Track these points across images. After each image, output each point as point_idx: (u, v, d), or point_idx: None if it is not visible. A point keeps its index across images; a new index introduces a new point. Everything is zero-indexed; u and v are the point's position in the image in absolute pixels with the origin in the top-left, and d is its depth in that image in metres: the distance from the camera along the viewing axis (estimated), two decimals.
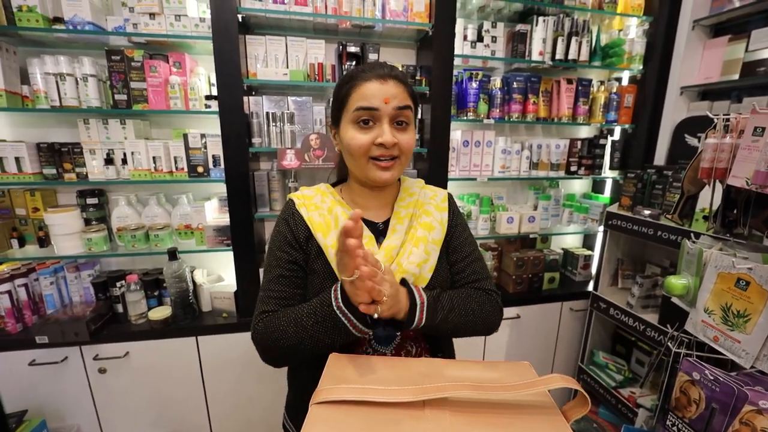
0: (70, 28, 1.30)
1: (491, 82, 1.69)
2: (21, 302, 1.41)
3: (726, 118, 0.95)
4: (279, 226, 0.76)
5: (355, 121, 0.68)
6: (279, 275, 0.72)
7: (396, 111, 0.67)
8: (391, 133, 0.67)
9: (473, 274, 0.79)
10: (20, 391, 1.39)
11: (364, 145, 0.67)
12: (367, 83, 0.67)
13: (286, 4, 1.42)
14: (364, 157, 0.69)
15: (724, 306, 0.91)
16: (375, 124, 0.68)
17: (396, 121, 0.68)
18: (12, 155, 1.36)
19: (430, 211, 0.78)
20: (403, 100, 0.68)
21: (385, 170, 0.69)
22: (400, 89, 0.68)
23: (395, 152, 0.69)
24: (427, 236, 0.75)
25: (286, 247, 0.73)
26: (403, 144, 0.69)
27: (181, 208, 1.54)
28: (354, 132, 0.68)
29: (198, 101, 1.45)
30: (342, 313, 0.61)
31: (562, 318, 1.88)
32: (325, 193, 0.78)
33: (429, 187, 0.85)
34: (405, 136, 0.69)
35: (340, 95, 0.71)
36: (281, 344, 0.66)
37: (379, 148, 0.68)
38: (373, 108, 0.66)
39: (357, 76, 0.69)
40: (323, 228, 0.72)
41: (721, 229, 1.02)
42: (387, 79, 0.67)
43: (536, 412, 0.50)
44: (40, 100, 1.36)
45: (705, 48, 1.67)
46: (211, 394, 1.56)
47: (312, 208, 0.74)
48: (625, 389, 1.58)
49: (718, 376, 0.86)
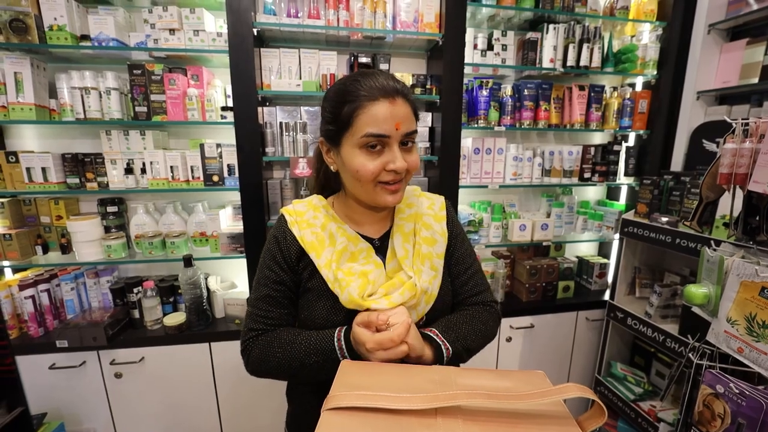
0: (96, 44, 1.37)
1: (502, 89, 1.69)
2: (43, 307, 1.45)
3: (745, 122, 0.93)
4: (270, 244, 0.74)
5: (363, 146, 0.64)
6: (266, 295, 0.71)
7: (404, 137, 0.65)
8: (402, 159, 0.65)
9: (476, 287, 0.79)
10: (40, 394, 1.43)
11: (376, 171, 0.64)
12: (376, 105, 0.62)
13: (300, 18, 1.46)
14: (372, 182, 0.66)
15: (749, 316, 0.88)
16: (384, 149, 0.65)
17: (403, 142, 0.66)
18: (39, 165, 1.43)
19: (430, 223, 0.76)
20: (411, 123, 0.66)
21: (394, 194, 0.68)
22: (408, 109, 0.66)
23: (403, 174, 0.68)
24: (432, 251, 0.73)
25: (274, 267, 0.71)
26: (411, 165, 0.67)
27: (196, 216, 1.57)
28: (362, 158, 0.64)
29: (214, 112, 1.49)
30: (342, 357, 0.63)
31: (578, 328, 1.83)
32: (317, 207, 0.75)
33: (425, 195, 0.82)
34: (412, 157, 0.67)
35: (342, 114, 0.64)
36: (275, 373, 0.69)
37: (389, 174, 0.65)
38: (384, 135, 0.63)
39: (361, 95, 0.63)
40: (316, 247, 0.70)
41: (743, 236, 0.99)
42: (395, 99, 0.63)
43: (551, 423, 0.49)
44: (66, 113, 1.42)
45: (722, 52, 1.64)
46: (223, 400, 1.57)
47: (304, 226, 0.72)
48: (645, 402, 1.52)
49: (744, 389, 0.83)
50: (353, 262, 0.70)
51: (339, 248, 0.69)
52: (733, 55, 1.59)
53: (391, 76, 0.67)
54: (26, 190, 1.44)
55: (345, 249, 0.70)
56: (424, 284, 0.69)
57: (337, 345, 0.64)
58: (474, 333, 0.72)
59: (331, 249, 0.70)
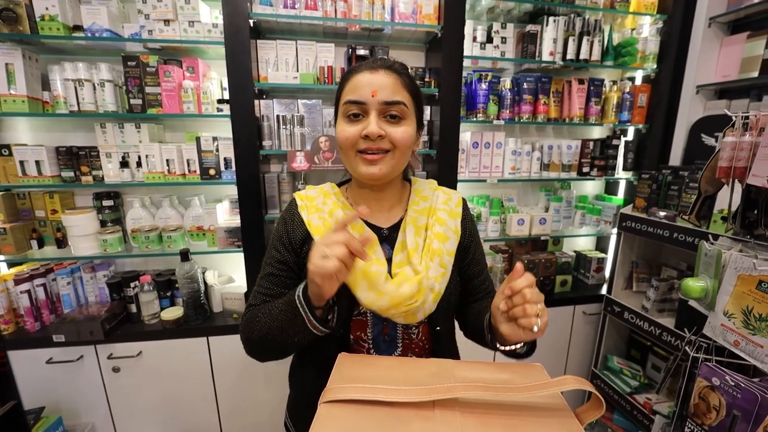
0: (89, 35, 1.35)
1: (501, 83, 1.68)
2: (39, 301, 1.45)
3: (745, 116, 0.93)
4: (278, 225, 0.75)
5: (345, 114, 0.66)
6: (269, 273, 0.72)
7: (384, 106, 0.64)
8: (377, 125, 0.63)
9: (489, 285, 0.82)
10: (38, 388, 1.43)
11: (351, 137, 0.65)
12: (358, 75, 0.65)
13: (297, 9, 1.43)
14: (351, 150, 0.66)
15: (745, 309, 0.88)
16: (364, 117, 0.65)
17: (388, 114, 0.65)
18: (32, 159, 1.41)
19: (443, 219, 0.74)
20: (393, 93, 0.64)
21: (372, 164, 0.65)
22: (392, 80, 0.64)
23: (385, 145, 0.65)
24: (442, 248, 0.71)
25: (279, 247, 0.72)
26: (394, 136, 0.64)
27: (193, 210, 1.56)
28: (343, 125, 0.66)
29: (210, 105, 1.47)
30: (301, 307, 0.60)
31: (575, 322, 1.84)
32: (328, 194, 0.75)
33: (442, 189, 0.80)
34: (397, 129, 0.65)
35: (337, 92, 0.70)
36: (255, 335, 0.67)
37: (365, 141, 0.64)
38: (360, 101, 0.64)
39: (351, 70, 0.67)
40: (321, 232, 0.70)
41: (741, 231, 0.99)
42: (377, 70, 0.64)
43: (549, 414, 0.49)
44: (59, 105, 1.40)
45: (722, 45, 1.63)
46: (222, 393, 1.58)
47: (313, 211, 0.72)
48: (641, 395, 1.53)
49: (740, 381, 0.83)
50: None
51: None
52: (734, 49, 1.58)
53: (392, 60, 0.68)
54: (20, 184, 1.42)
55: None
56: (430, 281, 0.67)
57: (299, 287, 0.62)
58: None
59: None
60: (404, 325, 0.70)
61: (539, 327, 0.55)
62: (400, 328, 0.70)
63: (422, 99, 0.72)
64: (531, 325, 0.54)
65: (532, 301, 0.54)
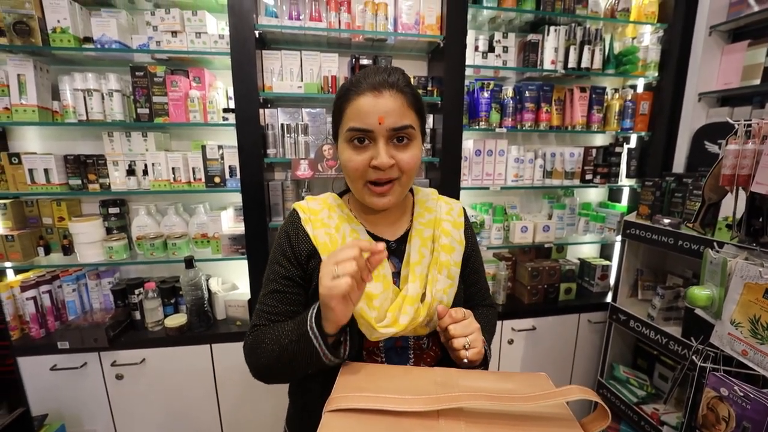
0: (99, 46, 1.38)
1: (503, 91, 1.69)
2: (45, 308, 1.46)
3: (748, 123, 0.93)
4: (280, 239, 0.71)
5: (349, 140, 0.62)
6: (274, 290, 0.68)
7: (392, 132, 0.61)
8: (387, 154, 0.60)
9: (485, 292, 0.84)
10: (42, 395, 1.43)
11: (360, 167, 0.62)
12: (360, 98, 0.60)
13: (301, 20, 1.46)
14: (360, 180, 0.63)
15: (753, 318, 0.87)
16: (370, 144, 0.62)
17: (395, 138, 0.62)
18: (41, 167, 1.43)
19: (449, 230, 0.73)
20: (401, 118, 0.61)
21: (382, 196, 0.63)
22: (398, 102, 0.61)
23: (393, 174, 0.62)
24: (450, 260, 0.70)
25: (284, 262, 0.68)
26: (403, 164, 0.62)
27: (198, 217, 1.58)
28: (349, 153, 0.63)
29: (216, 114, 1.49)
30: (314, 336, 0.57)
31: (580, 330, 1.82)
32: (332, 207, 0.72)
33: (443, 199, 0.79)
34: (405, 155, 0.62)
35: (336, 108, 0.66)
36: (261, 362, 0.64)
37: (375, 171, 0.62)
38: (367, 129, 0.60)
39: (351, 88, 0.62)
40: (329, 249, 0.66)
41: (746, 238, 0.99)
42: (381, 91, 0.60)
43: (554, 425, 0.48)
44: (68, 114, 1.43)
45: (723, 53, 1.64)
46: (224, 401, 1.57)
47: (318, 225, 0.69)
48: (648, 405, 1.51)
49: (749, 392, 0.82)
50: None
51: None
52: (735, 57, 1.59)
53: (387, 69, 0.63)
54: (29, 192, 1.44)
55: None
56: (438, 294, 0.67)
57: (309, 315, 0.59)
58: (491, 335, 0.79)
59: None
60: (415, 337, 0.70)
61: (468, 358, 0.60)
62: (412, 339, 0.70)
63: (425, 109, 0.69)
64: (461, 358, 0.61)
65: (457, 336, 0.61)
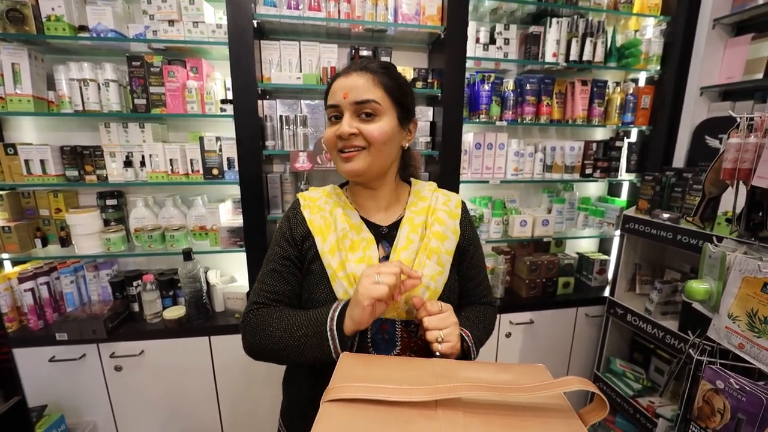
0: (94, 35, 1.35)
1: (504, 84, 1.68)
2: (43, 300, 1.45)
3: (750, 117, 0.92)
4: (281, 222, 0.78)
5: (329, 118, 0.72)
6: (272, 269, 0.74)
7: (356, 105, 0.67)
8: (348, 124, 0.67)
9: (485, 289, 0.84)
10: (40, 386, 1.43)
11: (329, 138, 0.70)
12: (336, 81, 0.69)
13: (300, 10, 1.44)
14: (334, 150, 0.70)
15: (750, 312, 0.87)
16: (341, 118, 0.69)
17: (362, 113, 0.67)
18: (37, 158, 1.42)
19: (443, 219, 0.75)
20: (364, 93, 0.67)
21: (348, 161, 0.69)
22: (363, 80, 0.67)
23: (359, 143, 0.68)
24: (441, 247, 0.72)
25: (283, 243, 0.75)
26: (367, 133, 0.67)
27: (196, 209, 1.57)
28: (327, 128, 0.72)
29: (214, 105, 1.48)
30: (331, 335, 0.62)
31: (577, 324, 1.83)
32: (330, 194, 0.78)
33: (442, 191, 0.82)
34: (370, 126, 0.67)
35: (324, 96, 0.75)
36: (266, 345, 0.67)
37: (341, 140, 0.68)
38: (335, 105, 0.68)
39: (333, 77, 0.71)
40: (322, 231, 0.72)
41: (746, 233, 0.99)
42: (350, 73, 0.68)
43: (552, 415, 0.48)
44: (64, 104, 1.41)
45: (726, 47, 1.63)
46: (223, 393, 1.58)
47: (315, 210, 0.75)
48: (644, 398, 1.52)
49: (745, 385, 0.83)
50: (353, 252, 0.70)
51: (340, 234, 0.71)
52: (738, 50, 1.57)
53: (369, 59, 0.74)
54: (25, 183, 1.43)
55: (345, 236, 0.71)
56: (425, 279, 0.69)
57: (330, 316, 0.63)
58: (484, 332, 0.78)
59: (334, 234, 0.72)
60: (403, 322, 0.71)
61: (441, 351, 0.62)
62: (399, 326, 0.71)
63: (407, 94, 0.72)
64: (434, 351, 0.62)
65: (431, 328, 0.62)
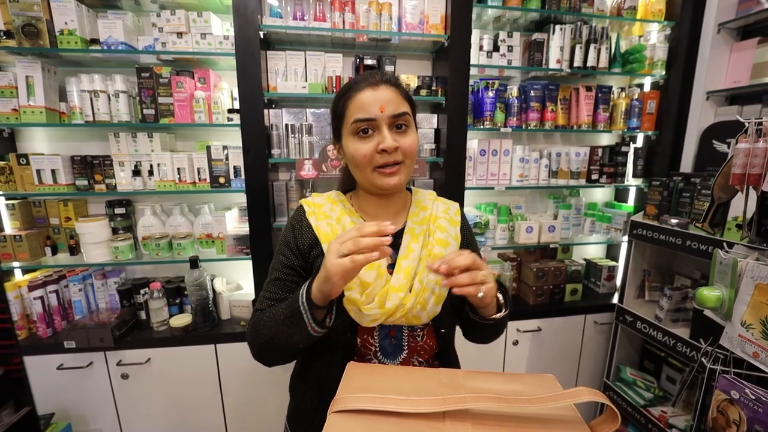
0: (105, 48, 1.39)
1: (508, 90, 1.68)
2: (52, 308, 1.47)
3: (759, 122, 0.91)
4: (286, 231, 0.77)
5: (355, 132, 0.68)
6: (276, 278, 0.74)
7: (392, 118, 0.67)
8: (392, 138, 0.66)
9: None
10: (48, 394, 1.44)
11: (368, 154, 0.67)
12: (361, 94, 0.67)
13: (306, 21, 1.46)
14: (369, 166, 0.69)
15: (764, 320, 0.86)
16: (374, 132, 0.68)
17: (395, 125, 0.68)
18: (49, 167, 1.44)
19: (444, 226, 0.77)
20: (398, 106, 0.68)
21: (391, 176, 0.69)
22: (394, 93, 0.68)
23: (398, 157, 0.68)
24: (444, 253, 0.73)
25: (287, 252, 0.74)
26: (406, 147, 0.68)
27: (203, 217, 1.58)
28: (355, 144, 0.68)
29: (221, 114, 1.50)
30: (304, 309, 0.61)
31: (586, 331, 1.81)
32: (335, 201, 0.78)
33: (441, 200, 0.84)
34: (406, 139, 0.68)
35: (338, 110, 0.71)
36: (262, 340, 0.68)
37: (382, 156, 0.67)
38: (371, 119, 0.66)
39: (350, 89, 0.69)
40: (330, 238, 0.72)
41: (757, 238, 0.97)
42: (378, 85, 0.67)
43: (562, 427, 0.48)
44: (75, 115, 1.44)
45: (732, 51, 1.62)
46: (229, 401, 1.57)
47: (321, 217, 0.75)
48: (656, 408, 1.49)
49: (761, 395, 0.81)
50: None
51: None
52: (744, 54, 1.56)
53: (383, 72, 0.72)
54: (36, 192, 1.45)
55: None
56: (430, 284, 0.69)
57: (300, 292, 0.63)
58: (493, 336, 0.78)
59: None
60: (410, 327, 0.72)
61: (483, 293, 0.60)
62: (406, 331, 0.72)
63: (415, 103, 0.75)
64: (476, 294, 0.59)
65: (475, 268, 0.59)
